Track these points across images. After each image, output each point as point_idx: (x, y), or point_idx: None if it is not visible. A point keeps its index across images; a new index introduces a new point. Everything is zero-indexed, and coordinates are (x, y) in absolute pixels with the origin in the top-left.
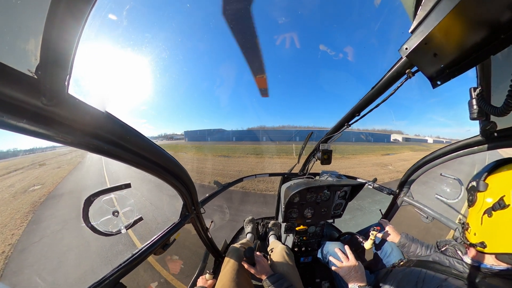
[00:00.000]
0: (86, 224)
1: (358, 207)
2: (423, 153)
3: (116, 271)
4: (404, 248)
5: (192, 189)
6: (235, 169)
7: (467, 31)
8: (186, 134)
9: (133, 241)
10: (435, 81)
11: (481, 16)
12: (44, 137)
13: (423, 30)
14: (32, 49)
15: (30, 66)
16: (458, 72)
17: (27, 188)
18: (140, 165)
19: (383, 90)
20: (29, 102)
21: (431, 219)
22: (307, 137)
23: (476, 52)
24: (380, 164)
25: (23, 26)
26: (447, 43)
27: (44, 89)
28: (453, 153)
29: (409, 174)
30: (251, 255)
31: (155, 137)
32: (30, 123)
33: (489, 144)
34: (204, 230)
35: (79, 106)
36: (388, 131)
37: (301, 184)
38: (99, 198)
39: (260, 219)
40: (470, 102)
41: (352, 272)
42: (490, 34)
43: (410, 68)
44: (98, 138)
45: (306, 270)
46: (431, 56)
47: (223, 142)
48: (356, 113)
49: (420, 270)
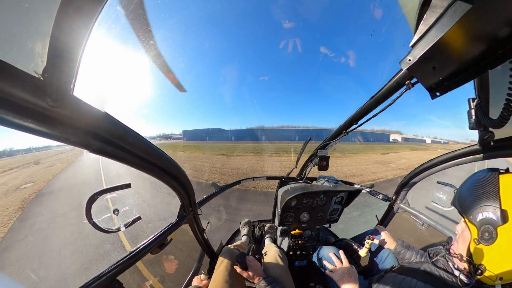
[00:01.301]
0: (89, 221)
1: (365, 203)
2: (422, 152)
3: (113, 268)
4: (399, 255)
5: (190, 190)
6: (233, 167)
7: (466, 46)
8: (184, 133)
9: (122, 240)
10: (434, 92)
11: (480, 32)
12: (48, 136)
13: (423, 44)
14: (39, 51)
15: (37, 68)
16: (456, 85)
17: (19, 186)
18: (140, 167)
19: (383, 100)
20: (34, 103)
21: (426, 226)
22: (305, 142)
23: (474, 66)
24: (382, 162)
25: (31, 28)
26: (446, 57)
27: (50, 91)
28: (451, 161)
29: (406, 181)
30: (243, 260)
31: (153, 137)
32: (35, 122)
33: (486, 153)
34: (201, 231)
35: (83, 107)
36: (387, 131)
37: (298, 189)
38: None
39: (256, 222)
40: (469, 112)
41: (346, 277)
42: (488, 49)
43: (410, 80)
44: (100, 139)
45: (300, 273)
46: (430, 69)
47: (222, 142)
48: (354, 122)
49: (411, 280)
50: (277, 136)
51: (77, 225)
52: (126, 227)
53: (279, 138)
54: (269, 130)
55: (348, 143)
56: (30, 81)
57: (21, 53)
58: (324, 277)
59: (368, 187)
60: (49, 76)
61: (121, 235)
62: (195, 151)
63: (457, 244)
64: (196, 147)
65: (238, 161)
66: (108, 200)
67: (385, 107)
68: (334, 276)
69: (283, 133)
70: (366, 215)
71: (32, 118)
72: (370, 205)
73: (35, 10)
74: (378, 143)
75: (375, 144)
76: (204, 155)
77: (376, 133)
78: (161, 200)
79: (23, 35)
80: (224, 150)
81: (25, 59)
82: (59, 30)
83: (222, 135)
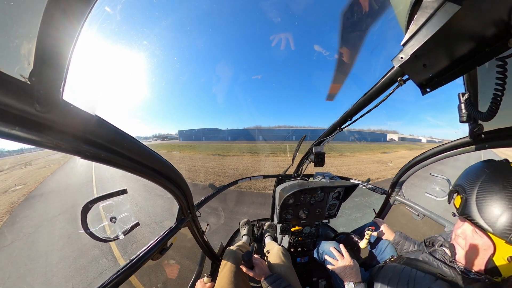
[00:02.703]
0: (85, 231)
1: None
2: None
3: (114, 278)
4: (398, 245)
5: (187, 193)
6: (229, 167)
7: (455, 44)
8: (180, 133)
9: (110, 245)
10: (424, 88)
11: (468, 32)
12: (37, 144)
13: (414, 43)
14: (25, 54)
15: (23, 71)
16: (446, 81)
17: (7, 189)
18: (136, 171)
19: (376, 96)
20: (21, 109)
21: (421, 216)
22: (300, 139)
23: (463, 63)
24: (380, 161)
25: (16, 28)
26: (436, 55)
27: (37, 95)
28: (443, 154)
29: (401, 174)
30: (249, 259)
31: (149, 137)
32: (23, 130)
33: (476, 145)
34: (200, 234)
35: (73, 112)
36: (384, 131)
37: (295, 186)
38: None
39: (255, 221)
40: (459, 106)
41: (347, 270)
42: (475, 48)
43: (402, 76)
44: (92, 145)
45: (303, 270)
46: (421, 66)
47: (218, 142)
48: (349, 118)
49: (411, 270)
50: (273, 135)
51: (66, 229)
52: (125, 235)
53: (275, 138)
54: (266, 130)
55: (346, 143)
56: (16, 85)
57: (5, 56)
58: (326, 272)
59: (364, 181)
60: (36, 79)
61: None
62: (191, 151)
63: (465, 254)
64: (191, 148)
65: (234, 162)
66: (102, 208)
67: (378, 103)
68: (336, 270)
69: (279, 133)
70: (365, 208)
71: (19, 125)
72: (368, 201)
73: (20, 9)
74: (376, 142)
75: (372, 144)
76: (199, 155)
77: (373, 133)
78: (154, 202)
79: (8, 36)
80: (220, 150)
81: (10, 62)
82: (47, 31)
83: (218, 135)
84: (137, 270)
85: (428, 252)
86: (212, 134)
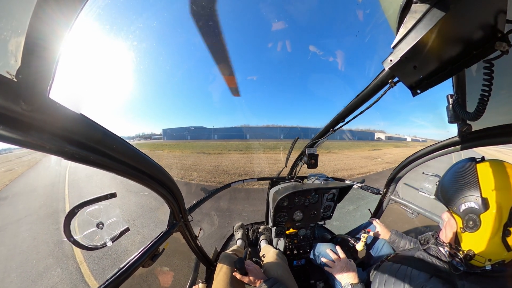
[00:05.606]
0: (68, 239)
1: (359, 196)
2: (405, 149)
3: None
4: (394, 243)
5: (178, 196)
6: (213, 164)
7: (443, 47)
8: (164, 132)
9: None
10: (414, 90)
11: (456, 35)
12: (21, 144)
13: (404, 46)
14: (12, 50)
15: (9, 68)
16: (435, 83)
17: None
18: (125, 174)
19: (367, 98)
20: (7, 107)
21: (416, 215)
22: (293, 142)
23: (451, 65)
24: (370, 157)
25: (3, 24)
26: (426, 57)
27: (24, 94)
28: (434, 153)
29: (394, 174)
30: (242, 266)
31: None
32: (7, 129)
33: (465, 144)
34: (193, 238)
35: (60, 111)
36: (371, 130)
37: (288, 188)
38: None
39: (250, 225)
40: (447, 107)
41: (345, 271)
42: (463, 50)
43: (392, 79)
44: (79, 145)
45: (300, 272)
46: (411, 68)
47: (204, 140)
48: (341, 119)
49: (406, 268)
50: (261, 134)
51: (32, 231)
52: (113, 241)
53: (264, 137)
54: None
55: (334, 141)
56: (1, 82)
57: None
58: (323, 274)
59: (359, 182)
60: (23, 77)
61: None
62: (174, 150)
63: (444, 232)
64: (175, 146)
65: (219, 159)
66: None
67: (370, 105)
68: (333, 271)
69: (268, 132)
70: (361, 208)
71: (4, 124)
72: (364, 198)
73: (9, 4)
74: (364, 141)
75: (360, 142)
76: (183, 154)
77: (362, 132)
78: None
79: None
80: (206, 149)
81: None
82: (37, 26)
83: (204, 133)
84: (127, 279)
85: (423, 250)
86: (198, 132)
